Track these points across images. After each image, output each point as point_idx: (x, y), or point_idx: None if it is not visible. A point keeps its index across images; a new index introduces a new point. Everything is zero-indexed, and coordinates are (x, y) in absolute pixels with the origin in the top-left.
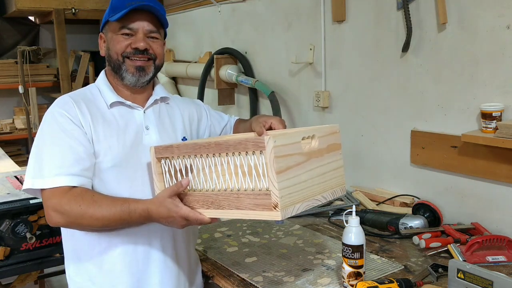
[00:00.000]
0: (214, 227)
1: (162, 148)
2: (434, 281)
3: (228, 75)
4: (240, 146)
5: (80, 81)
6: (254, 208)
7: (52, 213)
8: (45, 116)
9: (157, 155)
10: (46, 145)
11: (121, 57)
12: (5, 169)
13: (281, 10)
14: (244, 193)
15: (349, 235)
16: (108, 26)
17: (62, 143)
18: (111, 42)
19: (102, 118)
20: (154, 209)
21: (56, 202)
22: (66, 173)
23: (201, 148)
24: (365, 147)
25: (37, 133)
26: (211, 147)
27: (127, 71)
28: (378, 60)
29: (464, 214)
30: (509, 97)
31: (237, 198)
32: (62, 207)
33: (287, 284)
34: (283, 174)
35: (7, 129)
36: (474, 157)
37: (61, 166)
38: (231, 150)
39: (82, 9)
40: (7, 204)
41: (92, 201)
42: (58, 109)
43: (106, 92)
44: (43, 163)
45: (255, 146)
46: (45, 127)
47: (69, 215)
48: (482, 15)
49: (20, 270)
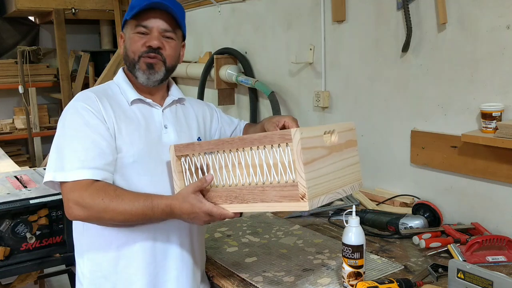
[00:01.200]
0: (214, 227)
1: (182, 146)
2: (434, 281)
3: (228, 75)
4: (265, 139)
5: (80, 81)
6: (281, 200)
7: (74, 206)
8: (66, 110)
9: (177, 153)
10: (69, 139)
11: (137, 57)
12: (5, 169)
13: (281, 10)
14: (270, 186)
15: (349, 235)
16: (126, 25)
17: (85, 137)
18: (128, 41)
19: (124, 114)
20: (177, 205)
21: (78, 195)
22: (89, 166)
23: (225, 144)
24: (365, 147)
25: (59, 127)
26: (235, 142)
27: (139, 69)
28: (378, 60)
29: (464, 214)
30: (509, 97)
31: (262, 191)
32: (84, 200)
33: (287, 284)
34: (309, 166)
35: (7, 129)
36: (474, 157)
37: (84, 160)
38: (256, 144)
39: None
40: (7, 204)
41: (115, 195)
42: (81, 103)
43: (126, 89)
44: (65, 156)
45: (282, 138)
46: (67, 120)
47: (91, 208)
48: (482, 15)
49: (20, 270)
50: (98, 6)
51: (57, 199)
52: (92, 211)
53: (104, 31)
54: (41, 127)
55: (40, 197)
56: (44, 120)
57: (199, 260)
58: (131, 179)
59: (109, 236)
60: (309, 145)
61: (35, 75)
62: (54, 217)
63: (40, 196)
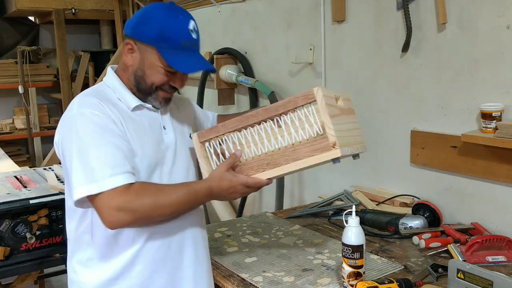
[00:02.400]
0: (214, 227)
1: (206, 131)
2: (434, 281)
3: (228, 75)
4: (289, 104)
5: (80, 81)
6: (313, 153)
7: (118, 213)
8: (73, 120)
9: (201, 139)
10: (91, 148)
11: (155, 87)
12: (5, 169)
13: (281, 10)
14: (300, 144)
15: (349, 235)
16: (148, 47)
17: (107, 143)
18: (149, 68)
19: (130, 118)
20: (215, 185)
21: (122, 201)
22: (120, 171)
23: (249, 118)
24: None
25: (71, 139)
26: (259, 114)
27: (155, 99)
28: (378, 60)
29: (464, 214)
30: (509, 97)
31: (294, 151)
32: (131, 203)
33: (287, 284)
34: (333, 119)
35: (7, 129)
36: (474, 157)
37: (114, 166)
38: (280, 110)
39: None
40: (7, 204)
41: (157, 190)
42: (88, 110)
43: (126, 95)
44: (93, 167)
45: (305, 99)
46: (80, 130)
47: (138, 211)
48: (482, 15)
49: (20, 270)
50: (98, 6)
51: (57, 199)
52: (141, 213)
53: (104, 31)
54: (41, 127)
55: (40, 197)
56: (44, 120)
57: (209, 256)
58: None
59: (124, 243)
60: (329, 102)
61: (35, 75)
62: (54, 217)
63: (40, 196)
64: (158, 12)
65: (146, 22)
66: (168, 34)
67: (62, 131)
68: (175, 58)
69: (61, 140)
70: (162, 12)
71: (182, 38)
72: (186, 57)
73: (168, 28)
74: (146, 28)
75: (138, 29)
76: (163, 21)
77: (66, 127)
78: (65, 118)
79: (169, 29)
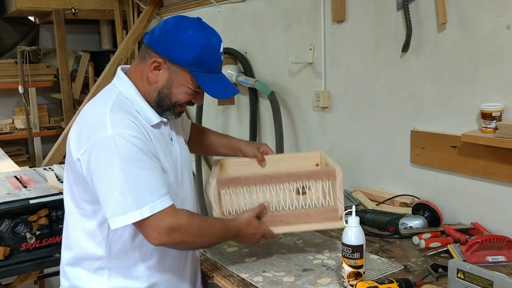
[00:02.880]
0: None
1: (227, 180)
2: (434, 281)
3: (228, 75)
4: (312, 176)
5: (80, 81)
6: (323, 221)
7: (171, 233)
8: (111, 142)
9: (220, 186)
10: (137, 172)
11: (177, 104)
12: (5, 169)
13: (281, 10)
14: (313, 210)
15: (349, 235)
16: (180, 69)
17: (150, 166)
18: (177, 87)
19: (152, 134)
20: (243, 227)
21: (172, 221)
22: (165, 193)
23: (272, 179)
24: (365, 147)
25: (114, 161)
26: (283, 177)
27: (171, 113)
28: (378, 60)
29: (464, 214)
30: (509, 97)
31: (307, 215)
32: (181, 225)
33: (287, 284)
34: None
35: (7, 129)
36: (474, 157)
37: (159, 187)
38: (304, 179)
39: (82, 9)
40: (7, 204)
41: (203, 220)
42: (127, 132)
43: (146, 110)
44: (138, 189)
45: (327, 175)
46: (123, 154)
47: (188, 233)
48: (482, 15)
49: (20, 270)
50: (98, 6)
51: (57, 199)
52: (189, 235)
53: (104, 31)
54: (41, 127)
55: (40, 197)
56: (44, 120)
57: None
58: None
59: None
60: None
61: (35, 75)
62: (54, 217)
63: (40, 196)
64: (195, 35)
65: (183, 46)
66: (204, 59)
67: (93, 148)
68: (209, 84)
69: (93, 159)
70: (199, 35)
71: (215, 62)
72: (217, 82)
73: (205, 53)
74: (182, 52)
75: (172, 49)
76: (201, 46)
77: (101, 148)
78: (97, 136)
79: (206, 54)
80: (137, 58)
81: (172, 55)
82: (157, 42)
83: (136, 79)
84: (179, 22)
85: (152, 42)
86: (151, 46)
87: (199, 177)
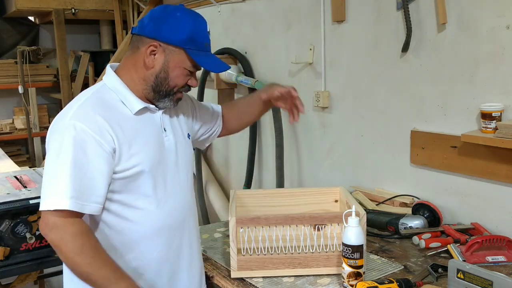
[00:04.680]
0: (214, 227)
1: (247, 219)
2: (434, 281)
3: (228, 75)
4: (335, 219)
5: (80, 81)
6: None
7: (53, 230)
8: (63, 130)
9: (239, 225)
10: (63, 165)
11: (176, 90)
12: (5, 169)
13: (281, 10)
14: (333, 254)
15: (349, 235)
16: (176, 48)
17: (80, 166)
18: (173, 70)
19: (130, 121)
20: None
21: (61, 222)
22: (74, 197)
23: (294, 220)
24: (365, 147)
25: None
26: (305, 219)
27: (170, 100)
28: (378, 60)
29: (464, 214)
30: (509, 97)
31: (327, 258)
32: (67, 230)
33: (287, 284)
34: None
35: (7, 129)
36: (474, 157)
37: (70, 189)
38: (326, 222)
39: (82, 9)
40: (7, 204)
41: (93, 244)
42: (81, 125)
43: (129, 98)
44: (56, 183)
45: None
46: (64, 145)
47: (68, 242)
48: (482, 15)
49: (20, 270)
50: (98, 6)
51: None
52: (67, 246)
53: (104, 31)
54: (41, 127)
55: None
56: (44, 120)
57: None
58: (146, 188)
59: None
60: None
61: (35, 75)
62: None
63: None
64: (184, 15)
65: (175, 25)
66: (196, 37)
67: (50, 133)
68: (204, 60)
69: (47, 143)
70: (188, 15)
71: (205, 39)
72: (210, 58)
73: (196, 31)
74: (175, 31)
75: (165, 31)
76: (192, 24)
77: (55, 133)
78: (57, 123)
79: (197, 32)
80: (129, 51)
81: (166, 36)
82: (149, 28)
83: (123, 69)
84: (166, 8)
85: (145, 29)
86: (144, 33)
87: (199, 177)
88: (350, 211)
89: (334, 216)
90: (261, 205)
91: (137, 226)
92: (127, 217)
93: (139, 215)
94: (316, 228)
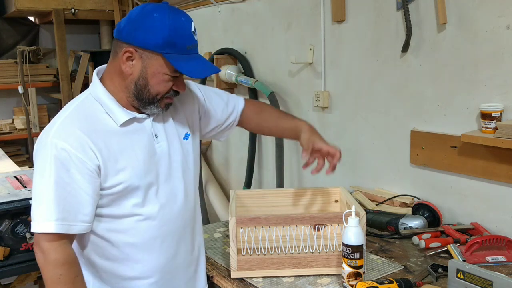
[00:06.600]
0: (214, 227)
1: (247, 219)
2: (433, 281)
3: (228, 75)
4: (335, 219)
5: (80, 81)
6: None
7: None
8: (45, 149)
9: (239, 225)
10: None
11: (160, 96)
12: (5, 169)
13: (281, 10)
14: (333, 254)
15: (349, 235)
16: (153, 54)
17: (64, 185)
18: (152, 76)
19: (116, 135)
20: None
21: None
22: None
23: (294, 220)
24: (365, 147)
25: (37, 168)
26: (305, 219)
27: (157, 107)
28: (377, 60)
29: (463, 214)
30: (509, 97)
31: (327, 259)
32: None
33: (287, 284)
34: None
35: (6, 129)
36: (473, 157)
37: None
38: (326, 222)
39: (81, 9)
40: (7, 204)
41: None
42: (62, 144)
43: (114, 110)
44: (42, 204)
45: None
46: (47, 164)
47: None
48: (482, 15)
49: (20, 270)
50: (98, 6)
51: None
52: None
53: (104, 31)
54: (41, 127)
55: None
56: (44, 120)
57: (202, 265)
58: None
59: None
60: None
61: (35, 75)
62: None
63: None
64: (162, 16)
65: (150, 28)
66: (175, 40)
67: (35, 152)
68: (185, 64)
69: (34, 161)
70: (166, 16)
71: (187, 42)
72: (194, 61)
73: (175, 34)
74: (150, 35)
75: (140, 35)
76: (170, 27)
77: (38, 151)
78: (40, 142)
79: (176, 34)
80: (110, 56)
81: (141, 41)
82: (125, 32)
83: (111, 78)
84: (144, 8)
85: (121, 33)
86: (120, 37)
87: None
88: (350, 211)
89: (334, 216)
90: (261, 205)
91: (130, 238)
92: (119, 229)
93: (131, 227)
94: (316, 228)
